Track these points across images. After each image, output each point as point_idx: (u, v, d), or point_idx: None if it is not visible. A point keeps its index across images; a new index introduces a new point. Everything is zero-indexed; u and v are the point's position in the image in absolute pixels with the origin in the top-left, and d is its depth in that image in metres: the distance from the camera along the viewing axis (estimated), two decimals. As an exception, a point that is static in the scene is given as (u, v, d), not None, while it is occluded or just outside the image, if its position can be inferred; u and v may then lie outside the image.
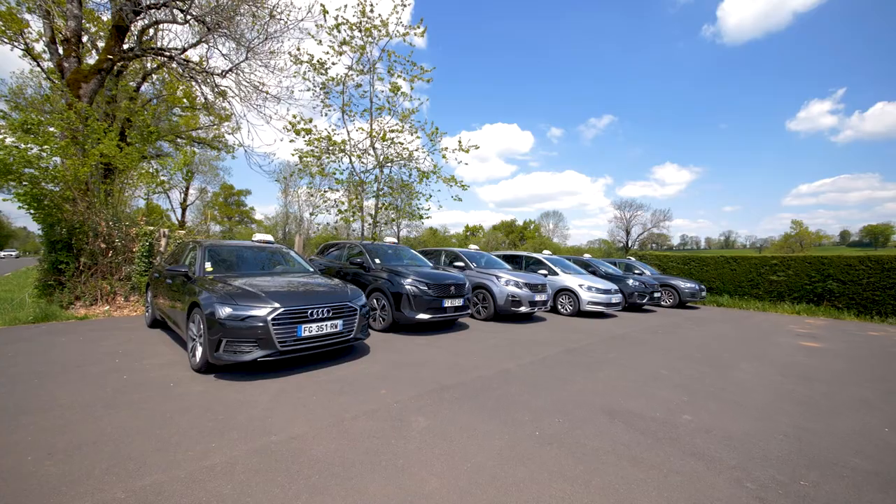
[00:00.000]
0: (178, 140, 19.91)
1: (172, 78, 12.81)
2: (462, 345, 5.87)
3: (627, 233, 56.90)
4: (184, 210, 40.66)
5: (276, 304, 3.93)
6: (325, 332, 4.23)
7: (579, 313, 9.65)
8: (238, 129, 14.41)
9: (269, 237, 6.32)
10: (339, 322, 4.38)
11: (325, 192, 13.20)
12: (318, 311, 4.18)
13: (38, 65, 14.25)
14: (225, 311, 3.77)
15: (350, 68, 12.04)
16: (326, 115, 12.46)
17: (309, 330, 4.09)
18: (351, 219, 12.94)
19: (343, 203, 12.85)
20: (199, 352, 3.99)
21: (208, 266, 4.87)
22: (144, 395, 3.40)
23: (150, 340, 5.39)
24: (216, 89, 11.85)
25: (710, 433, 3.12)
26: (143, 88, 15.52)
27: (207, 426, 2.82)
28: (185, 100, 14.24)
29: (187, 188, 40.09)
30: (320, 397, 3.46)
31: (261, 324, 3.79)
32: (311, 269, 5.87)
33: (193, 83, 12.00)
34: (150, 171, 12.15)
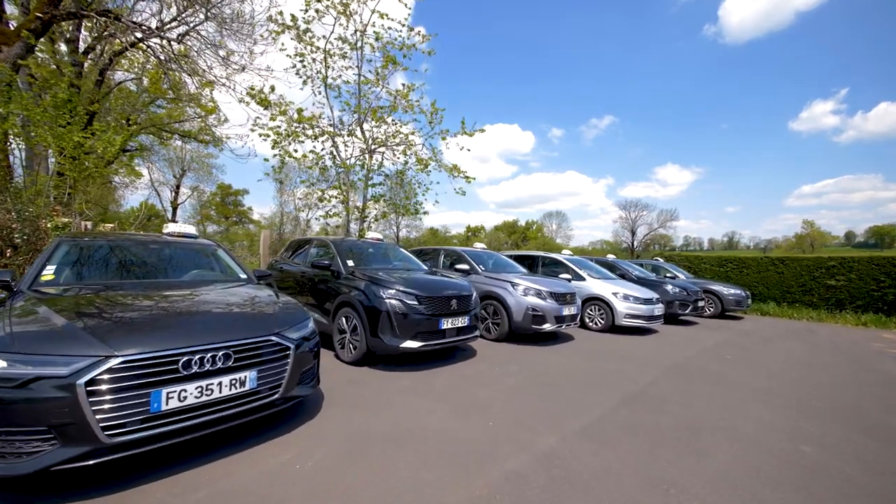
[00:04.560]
0: (164, 133, 18.16)
1: (156, 65, 10.92)
2: (468, 389, 3.93)
3: (633, 233, 54.64)
4: (175, 209, 38.79)
5: (105, 351, 1.98)
6: (217, 396, 2.27)
7: (612, 328, 7.70)
8: (226, 120, 12.59)
9: (190, 229, 4.38)
10: (250, 374, 2.44)
11: (306, 182, 11.35)
12: (201, 359, 2.23)
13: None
14: (-10, 366, 1.84)
15: (339, 39, 10.10)
16: (315, 91, 10.51)
17: (180, 396, 2.13)
18: (333, 213, 11.00)
19: (320, 192, 10.91)
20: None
21: (48, 272, 2.93)
22: None
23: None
24: (195, 75, 9.97)
25: None
26: (121, 76, 13.75)
27: None
28: (170, 91, 12.34)
29: (178, 186, 38.27)
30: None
31: (60, 394, 1.84)
32: (245, 276, 3.94)
33: (149, 51, 10.11)
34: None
